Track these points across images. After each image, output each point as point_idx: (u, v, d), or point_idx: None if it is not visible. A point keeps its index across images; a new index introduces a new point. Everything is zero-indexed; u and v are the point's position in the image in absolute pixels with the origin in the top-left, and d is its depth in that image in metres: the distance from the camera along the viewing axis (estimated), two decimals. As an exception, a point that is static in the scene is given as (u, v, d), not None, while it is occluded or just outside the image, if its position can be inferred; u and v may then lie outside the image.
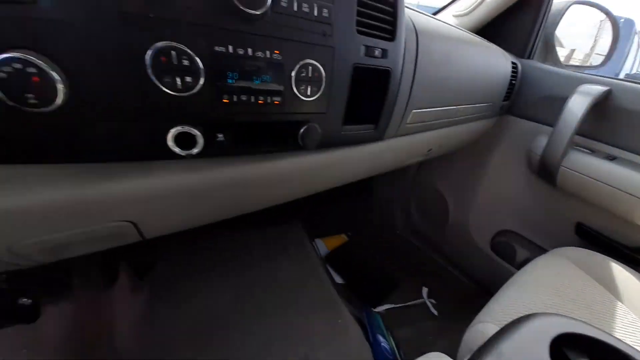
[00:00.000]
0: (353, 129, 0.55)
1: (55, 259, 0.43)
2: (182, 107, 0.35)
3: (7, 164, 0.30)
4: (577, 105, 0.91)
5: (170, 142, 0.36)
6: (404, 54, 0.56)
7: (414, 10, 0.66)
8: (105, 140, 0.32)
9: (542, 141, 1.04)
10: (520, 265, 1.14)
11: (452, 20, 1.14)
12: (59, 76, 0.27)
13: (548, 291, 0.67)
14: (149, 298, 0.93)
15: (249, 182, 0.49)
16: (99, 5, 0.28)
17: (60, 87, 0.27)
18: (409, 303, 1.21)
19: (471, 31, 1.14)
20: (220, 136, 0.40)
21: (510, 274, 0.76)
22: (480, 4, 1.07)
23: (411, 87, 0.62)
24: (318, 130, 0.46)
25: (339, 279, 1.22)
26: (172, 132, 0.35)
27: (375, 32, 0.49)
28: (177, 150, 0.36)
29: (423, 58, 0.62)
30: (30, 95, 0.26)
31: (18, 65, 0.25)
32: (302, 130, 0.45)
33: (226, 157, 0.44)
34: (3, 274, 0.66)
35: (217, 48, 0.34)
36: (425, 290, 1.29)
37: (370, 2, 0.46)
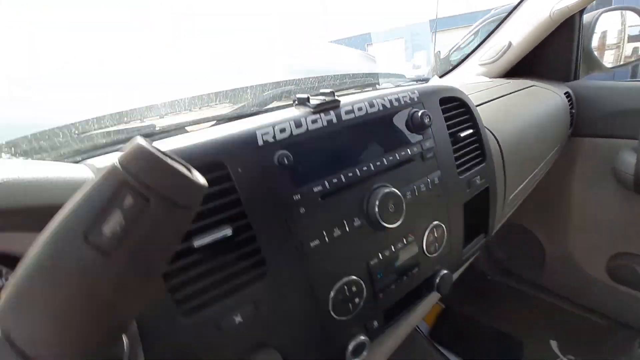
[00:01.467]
0: (470, 249, 0.55)
1: None
2: (353, 325, 0.38)
3: None
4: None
5: (348, 353, 0.38)
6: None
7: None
8: None
9: (628, 156, 0.97)
10: (650, 289, 1.01)
11: (479, 70, 1.16)
12: None
13: None
14: None
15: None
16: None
17: None
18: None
19: (501, 74, 1.15)
20: (376, 323, 0.42)
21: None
22: (507, 49, 1.09)
23: (505, 180, 0.62)
24: (451, 276, 0.47)
25: (454, 358, 1.13)
26: (351, 346, 0.38)
27: (470, 164, 0.51)
28: None
29: (505, 150, 0.62)
30: None
31: None
32: (437, 280, 0.46)
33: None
34: None
35: (371, 262, 0.38)
36: (554, 344, 1.14)
37: (460, 144, 0.49)
